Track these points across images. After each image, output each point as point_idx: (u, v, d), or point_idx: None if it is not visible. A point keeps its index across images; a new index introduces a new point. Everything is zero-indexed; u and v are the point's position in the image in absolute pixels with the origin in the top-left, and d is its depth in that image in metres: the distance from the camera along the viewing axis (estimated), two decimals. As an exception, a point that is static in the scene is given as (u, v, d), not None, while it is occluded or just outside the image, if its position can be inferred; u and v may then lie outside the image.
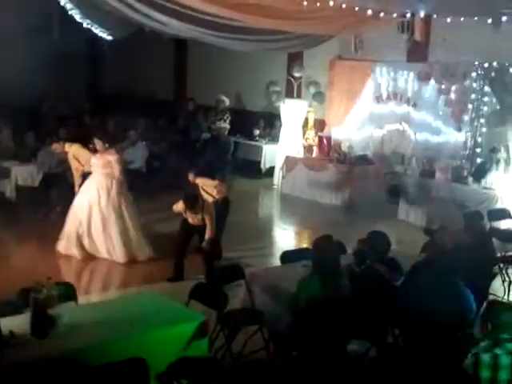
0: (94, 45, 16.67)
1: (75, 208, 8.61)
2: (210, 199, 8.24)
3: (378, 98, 12.46)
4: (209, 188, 8.58)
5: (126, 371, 4.18)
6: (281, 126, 13.61)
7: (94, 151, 8.83)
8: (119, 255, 8.38)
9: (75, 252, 8.44)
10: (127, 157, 12.17)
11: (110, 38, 12.08)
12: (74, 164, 9.77)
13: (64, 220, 9.64)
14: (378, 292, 5.37)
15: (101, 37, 12.14)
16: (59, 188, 10.35)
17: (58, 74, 15.72)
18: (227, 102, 14.13)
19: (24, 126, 12.80)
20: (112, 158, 8.54)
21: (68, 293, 5.28)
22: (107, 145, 8.62)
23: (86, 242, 8.46)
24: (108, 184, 8.51)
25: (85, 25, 11.17)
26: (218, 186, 8.63)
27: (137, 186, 11.67)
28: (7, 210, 9.97)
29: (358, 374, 5.34)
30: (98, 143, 8.62)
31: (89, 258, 8.44)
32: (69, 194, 9.86)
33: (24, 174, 10.60)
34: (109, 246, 8.42)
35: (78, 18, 10.41)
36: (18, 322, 4.50)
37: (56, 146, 9.81)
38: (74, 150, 9.71)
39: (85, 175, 9.66)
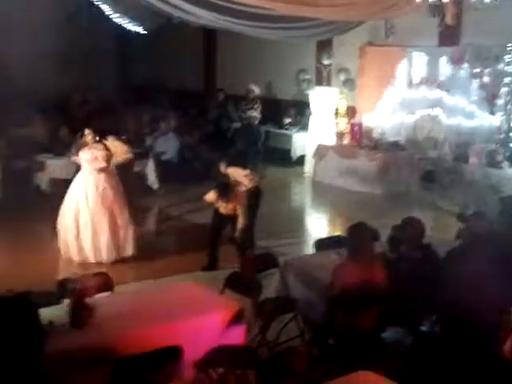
0: (124, 37, 16.76)
1: (64, 208, 8.19)
2: (241, 189, 8.25)
3: (410, 84, 12.33)
4: (240, 177, 8.59)
5: (162, 360, 4.22)
6: (311, 114, 13.56)
7: (125, 142, 8.86)
8: (105, 254, 8.04)
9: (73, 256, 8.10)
10: (159, 148, 12.28)
11: (139, 29, 12.15)
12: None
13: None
14: (413, 279, 5.33)
15: (131, 29, 12.24)
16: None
17: (88, 66, 15.86)
18: (257, 91, 14.13)
19: (57, 119, 12.97)
20: (99, 153, 8.12)
21: (104, 283, 5.34)
22: (97, 138, 8.21)
23: (75, 248, 8.06)
24: (96, 180, 8.10)
25: (114, 17, 11.26)
26: (249, 176, 8.63)
27: (169, 177, 11.83)
28: (42, 203, 10.09)
29: (394, 361, 5.33)
30: (89, 135, 8.20)
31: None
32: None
33: (58, 167, 10.73)
34: (96, 248, 8.03)
35: (108, 10, 10.47)
36: (57, 313, 4.57)
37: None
38: (106, 142, 9.80)
39: (117, 167, 9.77)
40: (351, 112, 13.35)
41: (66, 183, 10.65)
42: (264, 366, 4.27)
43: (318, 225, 10.63)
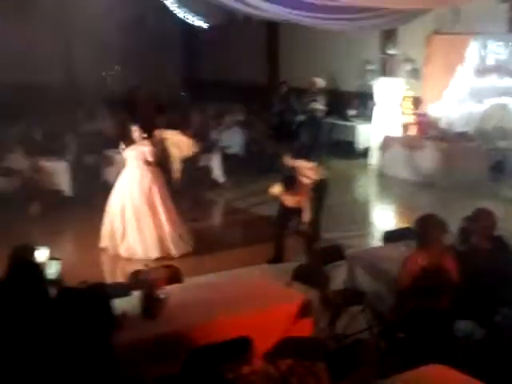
0: (189, 32, 16.97)
1: (109, 205, 8.18)
2: (306, 181, 8.23)
3: (478, 72, 12.03)
4: (306, 170, 8.57)
5: (231, 351, 4.28)
6: (375, 105, 13.40)
7: (194, 137, 8.92)
8: (152, 250, 8.01)
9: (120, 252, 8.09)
10: (224, 142, 12.38)
11: (204, 24, 12.27)
12: (172, 150, 10.02)
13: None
14: (484, 270, 5.22)
15: (195, 25, 12.37)
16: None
17: (154, 62, 16.12)
18: (321, 83, 14.04)
19: (125, 114, 13.23)
20: (146, 149, 8.14)
21: (174, 275, 5.43)
22: (144, 135, 8.18)
23: (122, 244, 8.09)
24: (141, 177, 8.10)
25: (180, 13, 11.40)
26: (314, 168, 8.61)
27: (234, 171, 11.92)
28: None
29: (464, 355, 5.24)
30: (136, 132, 8.19)
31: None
32: (169, 181, 10.16)
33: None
34: (143, 243, 8.03)
35: (173, 6, 10.60)
36: (130, 304, 4.68)
37: (155, 132, 10.02)
38: (172, 137, 9.94)
39: (183, 162, 9.91)
40: (417, 102, 13.13)
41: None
42: (333, 357, 4.28)
43: (384, 217, 10.51)
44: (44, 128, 11.38)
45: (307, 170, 8.52)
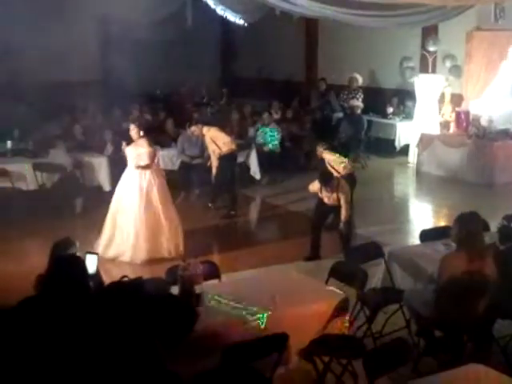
0: (226, 30, 17.03)
1: (112, 206, 7.91)
2: (335, 174, 8.19)
3: (520, 69, 11.84)
4: (335, 164, 8.57)
5: (269, 347, 4.29)
6: (415, 102, 13.27)
7: (230, 133, 8.90)
8: (142, 252, 7.72)
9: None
10: (260, 139, 12.39)
11: (242, 22, 12.28)
12: (211, 147, 10.10)
13: (201, 203, 9.99)
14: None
15: (233, 22, 12.39)
16: (198, 171, 10.70)
17: (192, 60, 16.21)
18: (360, 80, 13.98)
19: (163, 112, 13.36)
20: (143, 150, 7.79)
21: (212, 271, 5.47)
22: (142, 133, 7.86)
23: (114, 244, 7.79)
24: (139, 177, 7.78)
25: (218, 10, 11.43)
26: (344, 162, 8.61)
27: (272, 168, 11.95)
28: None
29: (503, 355, 5.17)
30: (134, 130, 7.88)
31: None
32: (208, 177, 10.23)
33: (165, 158, 11.04)
34: (135, 245, 7.73)
35: (211, 3, 10.64)
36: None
37: (194, 129, 10.16)
38: (211, 134, 10.02)
39: (221, 158, 9.97)
40: (457, 99, 12.97)
41: (171, 174, 11.06)
42: (370, 356, 4.26)
43: (423, 215, 10.42)
44: (83, 125, 11.55)
45: (337, 164, 8.53)
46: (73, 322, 3.44)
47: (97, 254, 4.85)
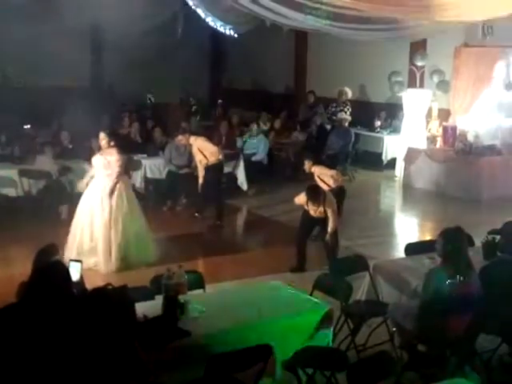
0: (216, 41, 17.08)
1: (77, 215, 7.84)
2: (325, 187, 8.22)
3: (508, 86, 11.93)
4: (325, 177, 8.60)
5: (253, 357, 4.27)
6: (403, 116, 13.35)
7: (218, 143, 8.89)
8: (112, 262, 7.69)
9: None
10: (249, 149, 12.41)
11: (232, 33, 12.33)
12: (198, 157, 10.09)
13: (188, 213, 9.98)
14: (510, 285, 5.17)
15: (223, 33, 12.44)
16: (185, 180, 10.69)
17: (181, 70, 16.24)
18: (349, 93, 14.05)
19: (151, 121, 13.36)
20: (112, 158, 7.72)
21: (197, 280, 5.45)
22: (112, 143, 7.79)
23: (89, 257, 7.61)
24: (110, 186, 7.70)
25: (208, 21, 11.47)
26: (334, 176, 8.64)
27: (259, 178, 11.97)
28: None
29: (487, 370, 5.18)
30: (103, 139, 7.79)
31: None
32: (194, 186, 10.22)
33: (152, 167, 11.04)
34: (106, 257, 7.68)
35: (202, 14, 10.67)
36: (151, 307, 4.70)
37: (181, 138, 10.15)
38: (198, 143, 10.01)
39: (208, 168, 9.97)
40: (445, 114, 13.06)
41: (158, 183, 11.05)
42: (353, 368, 4.26)
43: (408, 228, 10.46)
44: (71, 132, 11.51)
45: (327, 177, 8.56)
46: (56, 328, 3.41)
47: (80, 261, 4.82)
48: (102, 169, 7.75)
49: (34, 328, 3.43)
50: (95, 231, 7.72)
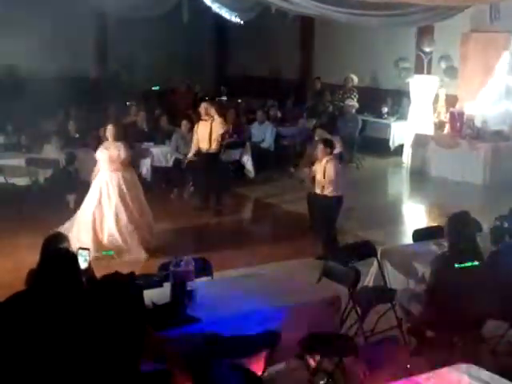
0: (222, 28, 17.02)
1: (83, 207, 7.88)
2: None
3: (515, 71, 11.87)
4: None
5: (260, 343, 4.29)
6: (410, 103, 13.28)
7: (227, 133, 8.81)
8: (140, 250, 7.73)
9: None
10: (256, 137, 12.39)
11: (237, 20, 12.28)
12: (202, 143, 10.03)
13: (194, 201, 9.97)
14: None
15: (229, 20, 12.39)
16: (191, 168, 10.68)
17: (187, 58, 16.21)
18: (356, 79, 13.98)
19: (157, 109, 13.34)
20: (117, 153, 7.69)
21: (204, 267, 5.46)
22: (119, 136, 7.75)
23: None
24: (113, 179, 7.71)
25: (214, 8, 11.42)
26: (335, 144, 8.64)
27: (266, 165, 11.96)
28: (143, 189, 10.41)
29: (493, 356, 5.19)
30: (110, 130, 7.77)
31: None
32: (201, 175, 10.20)
33: (159, 155, 11.03)
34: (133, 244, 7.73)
35: (207, 1, 10.62)
36: (159, 294, 4.71)
37: (205, 117, 9.88)
38: (216, 124, 9.86)
39: (216, 155, 9.93)
40: (452, 100, 12.99)
41: (165, 171, 11.04)
42: (361, 354, 4.28)
43: (416, 214, 10.44)
44: (78, 121, 11.52)
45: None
46: (65, 316, 3.43)
47: (88, 249, 4.83)
48: (107, 163, 7.74)
49: (43, 315, 3.44)
50: (99, 223, 7.67)
